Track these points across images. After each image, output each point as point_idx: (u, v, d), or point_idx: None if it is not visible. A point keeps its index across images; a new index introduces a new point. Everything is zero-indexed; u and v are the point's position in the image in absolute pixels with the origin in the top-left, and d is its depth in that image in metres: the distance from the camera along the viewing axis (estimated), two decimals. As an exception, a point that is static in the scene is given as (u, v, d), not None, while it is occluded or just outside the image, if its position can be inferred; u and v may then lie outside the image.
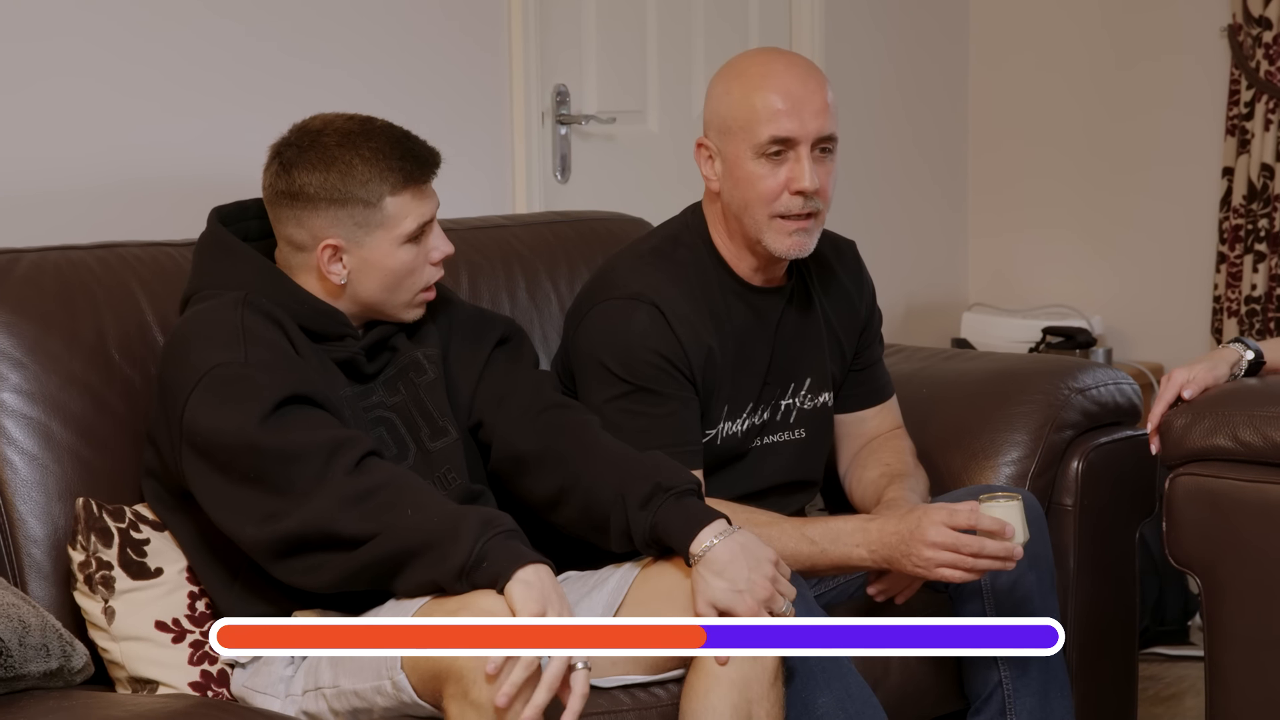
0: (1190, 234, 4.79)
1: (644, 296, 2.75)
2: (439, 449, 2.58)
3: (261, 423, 2.35)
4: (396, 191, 2.50)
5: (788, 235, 2.76)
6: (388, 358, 2.60)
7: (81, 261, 2.72)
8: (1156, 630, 4.32)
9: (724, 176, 2.78)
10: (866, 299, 3.01)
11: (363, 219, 2.50)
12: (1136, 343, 4.92)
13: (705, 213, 2.86)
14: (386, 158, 2.50)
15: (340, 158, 2.49)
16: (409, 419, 2.58)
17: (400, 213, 2.51)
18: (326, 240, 2.51)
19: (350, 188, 2.49)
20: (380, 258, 2.52)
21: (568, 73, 4.02)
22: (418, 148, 2.54)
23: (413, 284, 2.56)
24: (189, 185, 3.24)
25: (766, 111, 2.72)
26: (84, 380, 2.62)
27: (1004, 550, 2.61)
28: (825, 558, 2.70)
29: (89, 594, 2.53)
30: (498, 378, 2.67)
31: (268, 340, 2.44)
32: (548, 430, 2.59)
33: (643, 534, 2.45)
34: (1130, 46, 4.87)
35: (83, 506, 2.54)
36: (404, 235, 2.52)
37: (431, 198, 2.55)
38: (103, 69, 3.15)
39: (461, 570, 2.28)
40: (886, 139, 4.85)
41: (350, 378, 2.55)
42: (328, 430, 2.38)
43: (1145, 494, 3.20)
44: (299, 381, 2.41)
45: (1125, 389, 3.23)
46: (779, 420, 2.89)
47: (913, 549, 2.63)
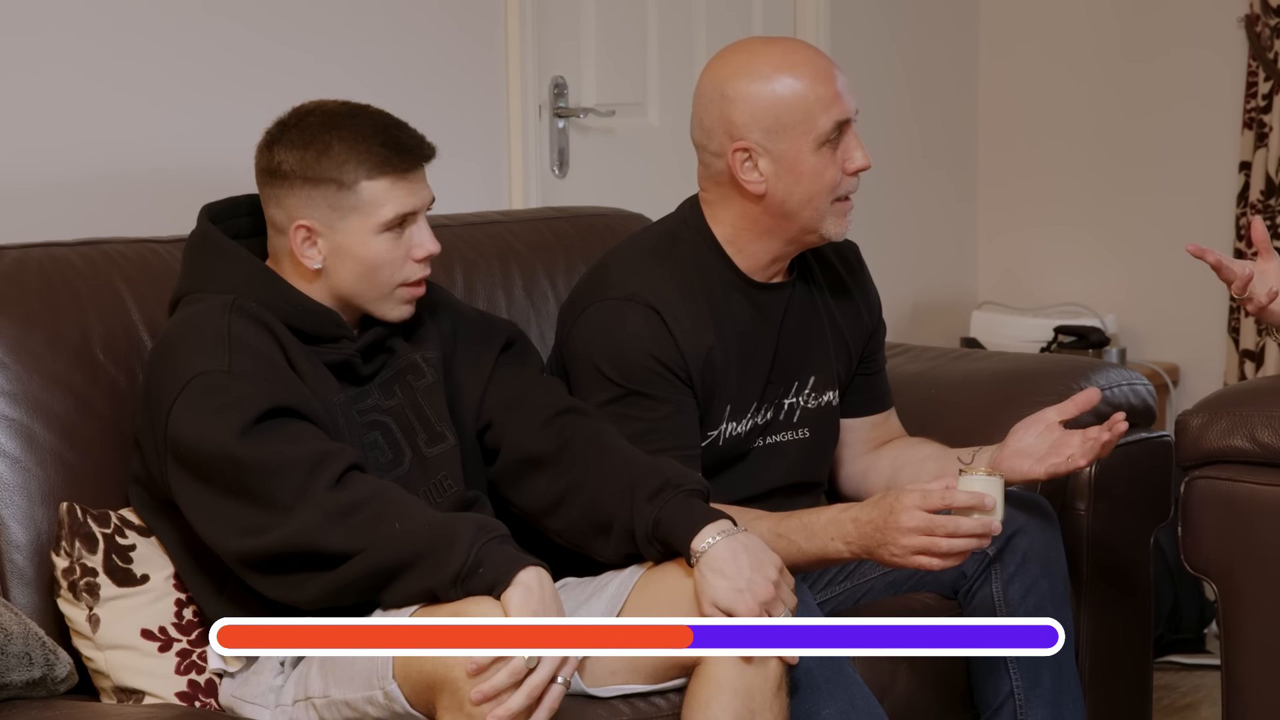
0: (1207, 230, 4.79)
1: (639, 297, 2.75)
2: (436, 455, 2.58)
3: (242, 435, 2.35)
4: (373, 176, 2.49)
5: (843, 217, 2.80)
6: (384, 359, 2.60)
7: (65, 259, 2.72)
8: (1172, 638, 4.32)
9: (777, 176, 2.75)
10: (873, 304, 3.01)
11: (336, 201, 2.49)
12: (1151, 342, 4.92)
13: (705, 209, 2.85)
14: (366, 141, 2.50)
15: (320, 137, 2.50)
16: (405, 423, 2.58)
17: (377, 199, 2.50)
18: (299, 220, 2.51)
19: (325, 167, 2.49)
20: (354, 245, 2.51)
21: (566, 64, 4.02)
22: (403, 135, 2.53)
23: (391, 278, 2.54)
24: (176, 180, 3.24)
25: (822, 100, 2.73)
26: (68, 381, 2.62)
27: (980, 526, 2.55)
28: (803, 554, 2.66)
29: (73, 601, 2.52)
30: (508, 381, 2.67)
31: (255, 347, 2.44)
32: (562, 433, 2.60)
33: (646, 528, 2.45)
34: (1144, 38, 4.87)
35: (67, 511, 2.53)
36: (380, 223, 2.51)
37: (417, 191, 2.54)
38: (88, 61, 3.15)
39: (457, 577, 2.28)
40: (893, 132, 4.85)
41: (345, 380, 2.55)
42: (310, 443, 2.38)
43: (1160, 498, 3.20)
44: (284, 392, 2.41)
45: (1140, 390, 3.23)
46: (782, 419, 2.88)
47: (888, 537, 2.58)
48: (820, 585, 2.88)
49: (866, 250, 3.06)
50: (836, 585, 2.89)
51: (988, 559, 2.81)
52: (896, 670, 2.80)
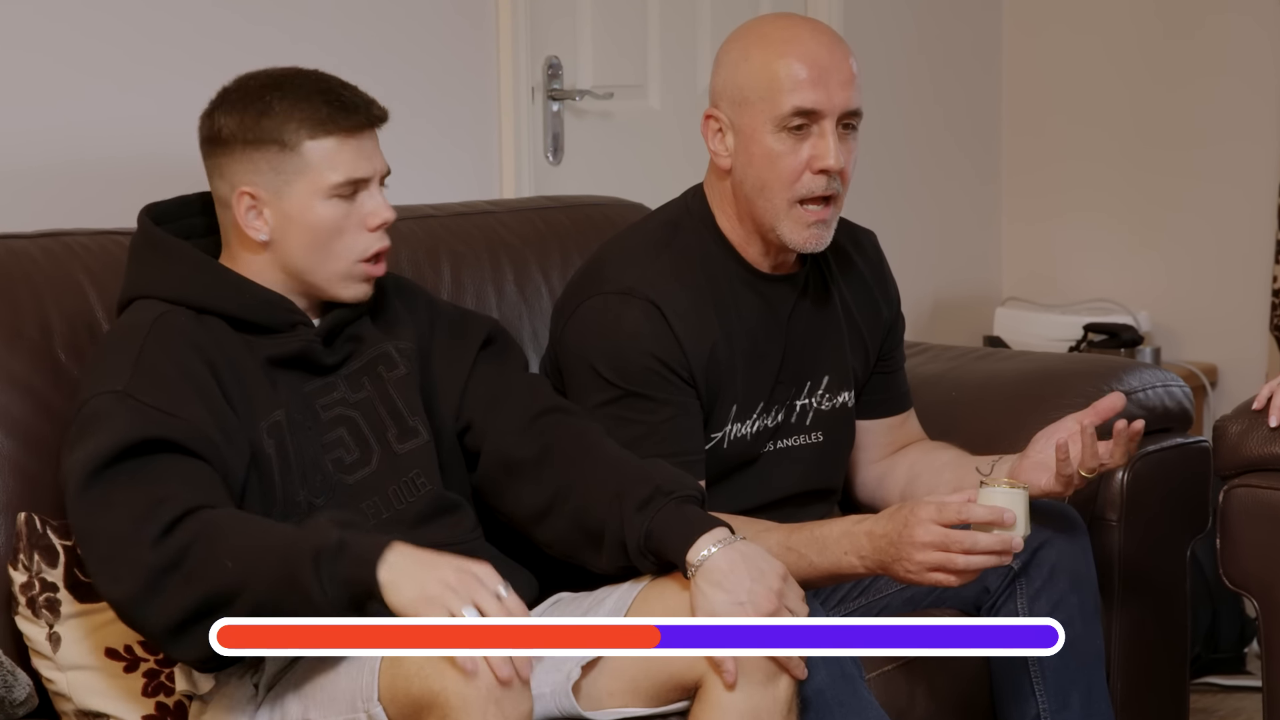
0: (1248, 219, 4.79)
1: (638, 291, 2.75)
2: (407, 451, 2.59)
3: (89, 480, 2.36)
4: (316, 135, 2.51)
5: (805, 227, 2.76)
6: (350, 348, 2.60)
7: (24, 251, 2.73)
8: (1210, 658, 4.32)
9: (737, 153, 2.77)
10: (892, 298, 3.01)
11: (279, 164, 2.51)
12: (1187, 341, 4.92)
13: (708, 194, 2.85)
14: (309, 99, 2.52)
15: (260, 98, 2.52)
16: (374, 418, 2.59)
17: (322, 161, 2.51)
18: (242, 187, 2.52)
19: (266, 128, 2.51)
20: (301, 211, 2.52)
21: (560, 43, 4.02)
22: (348, 94, 2.55)
23: (343, 249, 2.54)
24: (141, 166, 3.24)
25: (790, 80, 2.72)
26: (26, 382, 2.63)
27: (999, 543, 2.55)
28: (814, 569, 2.67)
29: (32, 618, 2.53)
30: (488, 380, 2.68)
31: (161, 368, 2.44)
32: (544, 435, 2.60)
33: (637, 541, 2.46)
34: (1180, 10, 4.87)
35: (25, 523, 2.54)
36: (328, 188, 2.51)
37: (367, 155, 2.54)
38: (49, 40, 3.15)
39: (321, 608, 2.28)
40: (912, 115, 4.85)
41: (306, 372, 2.55)
42: (151, 490, 2.35)
43: (1197, 508, 3.20)
44: (171, 421, 2.39)
45: (1175, 392, 3.24)
46: (793, 423, 2.89)
47: (903, 552, 2.58)
48: (834, 602, 2.88)
49: (883, 241, 3.06)
50: (851, 601, 2.89)
51: (1012, 573, 2.82)
52: (915, 692, 2.81)
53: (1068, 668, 2.81)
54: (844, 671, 2.57)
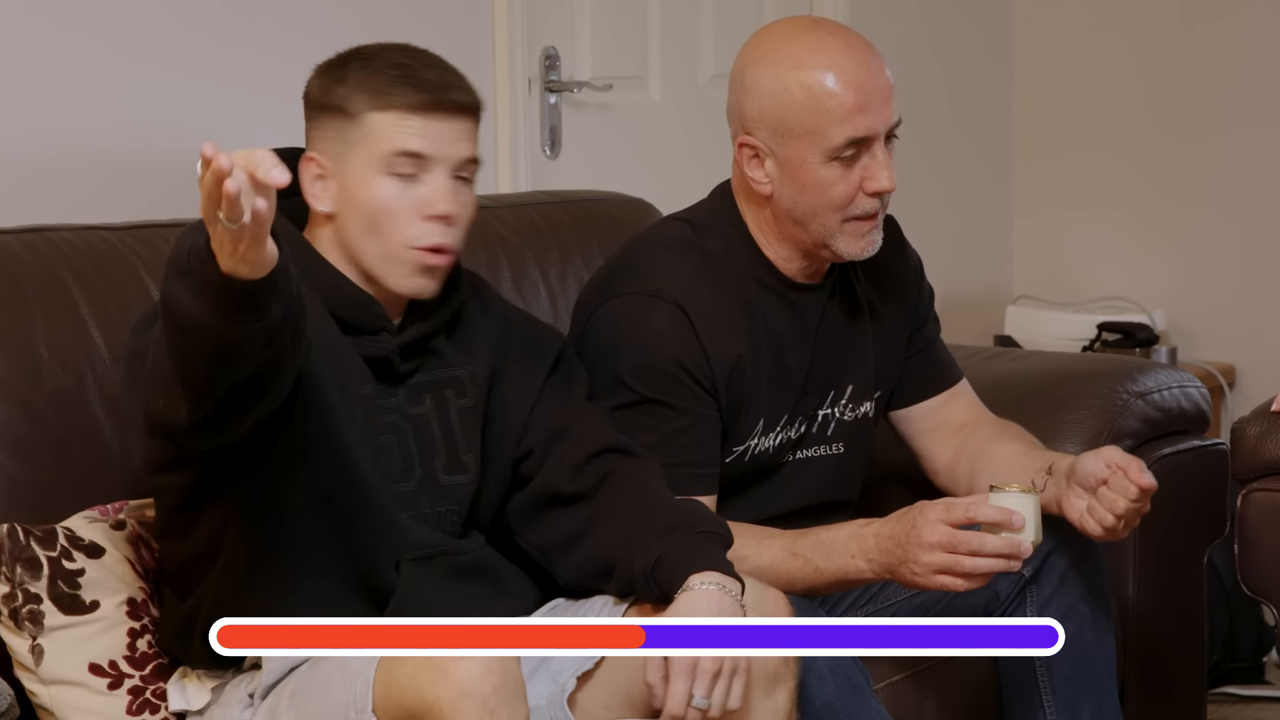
0: (1268, 215, 4.80)
1: (665, 293, 2.74)
2: (451, 485, 2.56)
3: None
4: (380, 108, 2.46)
5: (862, 237, 2.75)
6: (421, 361, 2.56)
7: (7, 247, 2.73)
8: (1227, 667, 4.33)
9: (782, 182, 2.74)
10: (914, 271, 2.99)
11: (343, 132, 2.48)
12: (1204, 341, 4.92)
13: (737, 199, 2.84)
14: (383, 70, 2.48)
15: (344, 65, 2.51)
16: (426, 437, 2.55)
17: (382, 133, 2.46)
18: (310, 153, 2.50)
19: (338, 95, 2.48)
20: (356, 184, 2.47)
21: (558, 33, 4.02)
22: (430, 72, 2.50)
23: (396, 233, 2.47)
24: (125, 160, 3.24)
25: (838, 111, 2.69)
26: (9, 384, 2.62)
27: (1006, 545, 2.55)
28: (821, 575, 2.67)
29: (14, 630, 2.53)
30: (556, 405, 2.64)
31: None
32: (597, 474, 2.58)
33: (645, 563, 2.44)
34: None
35: (7, 533, 2.53)
36: (381, 160, 2.46)
37: (435, 135, 2.47)
38: (30, 32, 3.15)
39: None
40: (920, 107, 4.85)
41: (378, 376, 2.53)
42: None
43: (1215, 512, 3.20)
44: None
45: (1192, 393, 3.24)
46: (815, 433, 2.88)
47: (910, 554, 2.58)
48: (840, 610, 2.88)
49: (890, 238, 3.06)
50: (858, 609, 2.89)
51: (1023, 580, 2.82)
52: (924, 703, 2.81)
53: (1078, 679, 2.81)
54: (853, 683, 2.58)
